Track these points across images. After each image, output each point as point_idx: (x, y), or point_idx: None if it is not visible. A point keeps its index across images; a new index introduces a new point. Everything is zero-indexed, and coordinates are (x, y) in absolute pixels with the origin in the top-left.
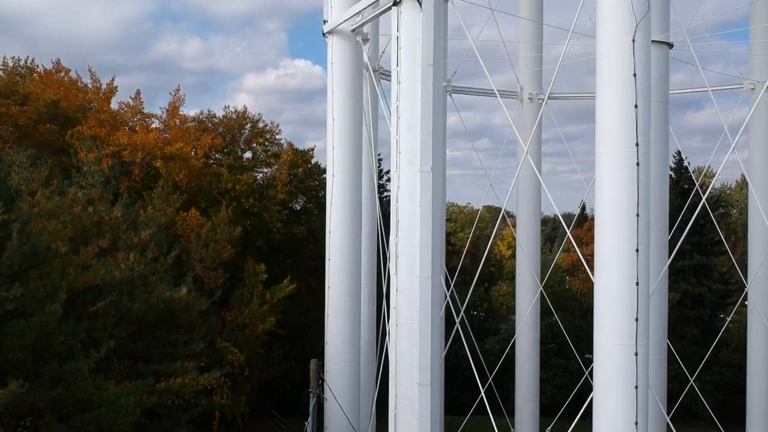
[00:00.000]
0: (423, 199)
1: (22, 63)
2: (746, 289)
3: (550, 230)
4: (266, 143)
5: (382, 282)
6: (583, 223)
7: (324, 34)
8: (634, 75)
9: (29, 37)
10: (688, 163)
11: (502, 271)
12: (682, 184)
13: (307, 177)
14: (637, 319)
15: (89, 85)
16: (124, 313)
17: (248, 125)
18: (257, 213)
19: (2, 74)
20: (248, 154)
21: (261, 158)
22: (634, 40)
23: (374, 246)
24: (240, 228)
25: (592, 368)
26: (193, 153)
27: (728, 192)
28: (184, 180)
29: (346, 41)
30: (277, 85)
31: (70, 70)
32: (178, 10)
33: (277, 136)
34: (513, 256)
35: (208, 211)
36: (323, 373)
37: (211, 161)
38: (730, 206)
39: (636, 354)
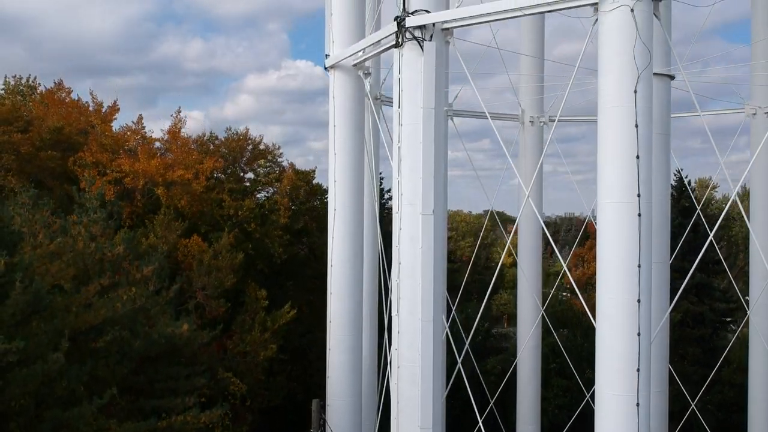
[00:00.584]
0: (425, 242)
1: (23, 81)
2: (748, 314)
3: (552, 234)
4: (267, 165)
5: (383, 314)
6: (585, 241)
7: (326, 68)
8: (636, 126)
9: (31, 37)
10: (689, 182)
11: (503, 280)
12: (683, 202)
13: (308, 199)
14: (638, 370)
15: (91, 106)
16: (125, 351)
17: (250, 146)
18: (259, 238)
19: (3, 92)
20: (250, 175)
21: (263, 181)
22: (636, 91)
23: (375, 278)
24: (242, 255)
25: (593, 390)
26: (194, 177)
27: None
28: (186, 206)
29: (347, 75)
30: (279, 85)
31: (71, 90)
32: (180, 11)
33: (279, 159)
34: (513, 264)
35: (210, 236)
36: (324, 413)
37: (212, 180)
38: (732, 218)
39: (638, 405)
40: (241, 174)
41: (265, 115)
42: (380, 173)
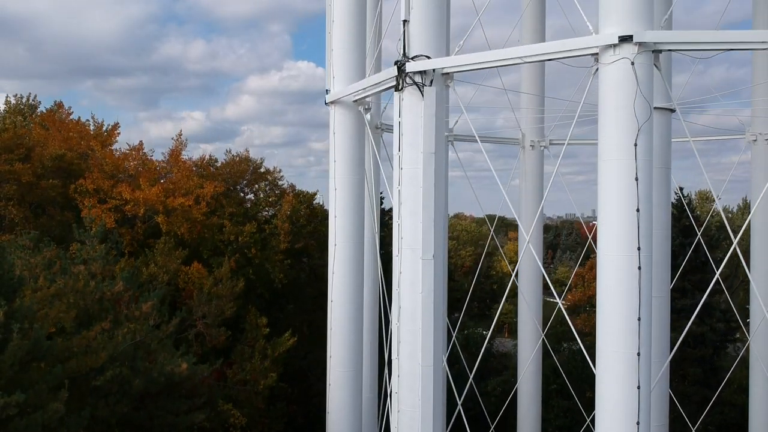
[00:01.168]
0: (425, 287)
1: (24, 100)
2: (748, 341)
3: (552, 237)
4: (267, 188)
5: (384, 350)
6: (586, 261)
7: (326, 103)
8: (636, 179)
9: (33, 39)
10: (689, 201)
11: (504, 290)
12: (683, 221)
13: (308, 222)
14: (638, 423)
15: (91, 125)
16: (126, 389)
17: (250, 168)
18: (259, 263)
19: (5, 112)
20: (250, 196)
21: (263, 204)
22: (636, 144)
23: (376, 314)
24: (243, 282)
25: (593, 414)
26: (195, 203)
27: (730, 216)
28: (186, 233)
29: (348, 111)
30: (281, 86)
31: (71, 112)
32: (182, 13)
33: (279, 182)
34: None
35: (211, 261)
36: None
37: (213, 202)
38: (734, 232)
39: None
40: (242, 195)
41: (267, 115)
42: (381, 202)
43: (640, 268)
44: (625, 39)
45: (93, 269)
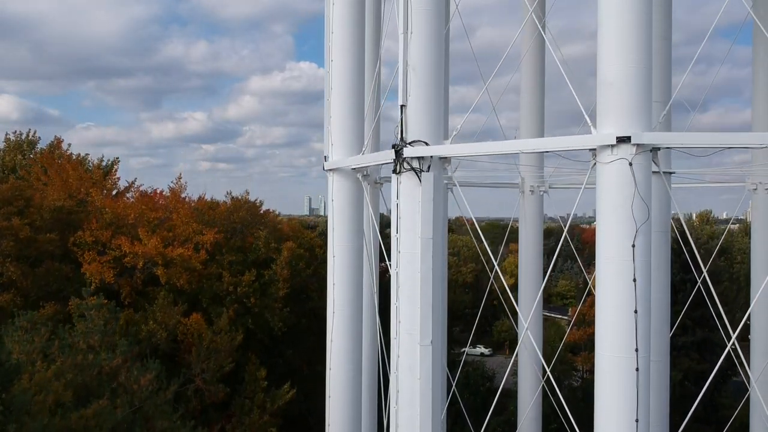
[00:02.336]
0: (423, 373)
1: (24, 137)
2: (750, 386)
3: (553, 243)
4: (267, 237)
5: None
6: (587, 298)
7: (324, 169)
8: (634, 280)
9: (36, 40)
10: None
11: (504, 306)
12: (684, 257)
13: (308, 265)
14: None
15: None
16: None
17: (248, 209)
18: (258, 312)
19: (4, 148)
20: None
21: (263, 251)
22: (634, 245)
23: (375, 381)
24: (241, 336)
25: None
26: (195, 251)
27: (731, 239)
28: (186, 284)
29: (346, 178)
30: (283, 87)
31: (70, 153)
32: (185, 14)
33: (279, 225)
34: (515, 286)
35: (210, 310)
36: None
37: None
38: (732, 253)
39: None
40: (241, 242)
41: (269, 116)
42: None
43: (637, 369)
44: (623, 140)
45: (92, 342)
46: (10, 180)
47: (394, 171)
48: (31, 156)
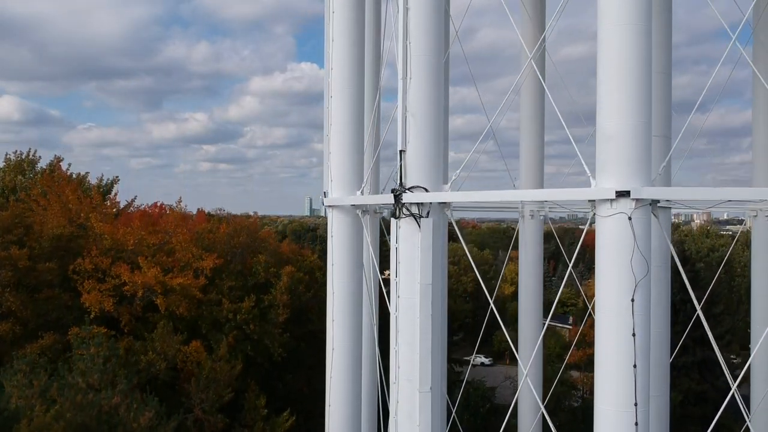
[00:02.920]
0: (422, 420)
1: (24, 156)
2: (749, 420)
3: (554, 248)
4: (267, 261)
5: None
6: (587, 317)
7: (324, 205)
8: (633, 335)
9: (38, 41)
10: (690, 255)
11: (506, 315)
12: (681, 281)
13: (308, 288)
14: None
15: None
16: None
17: (249, 233)
18: (258, 339)
19: (5, 168)
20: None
21: (262, 277)
22: (633, 300)
23: (375, 416)
24: (241, 365)
25: None
26: (194, 277)
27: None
28: (185, 312)
29: (346, 215)
30: (284, 88)
31: (70, 174)
32: (186, 15)
33: (279, 250)
34: (515, 295)
35: (209, 336)
36: None
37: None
38: (735, 269)
39: None
40: (240, 266)
41: (270, 116)
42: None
43: (637, 423)
44: (623, 194)
45: (91, 381)
46: (10, 203)
47: (394, 216)
48: (31, 177)
